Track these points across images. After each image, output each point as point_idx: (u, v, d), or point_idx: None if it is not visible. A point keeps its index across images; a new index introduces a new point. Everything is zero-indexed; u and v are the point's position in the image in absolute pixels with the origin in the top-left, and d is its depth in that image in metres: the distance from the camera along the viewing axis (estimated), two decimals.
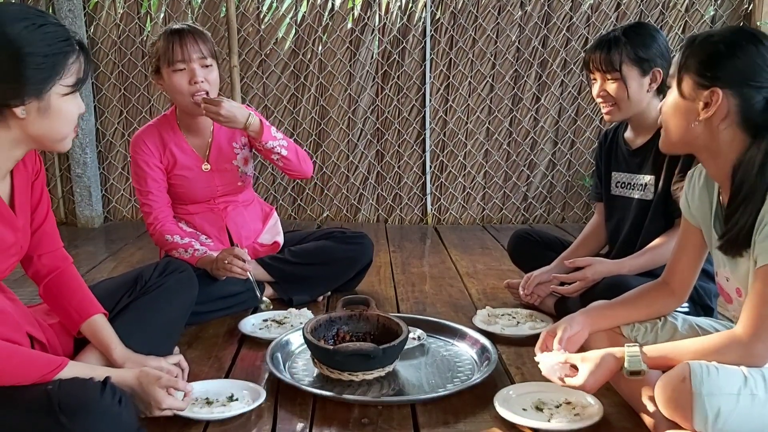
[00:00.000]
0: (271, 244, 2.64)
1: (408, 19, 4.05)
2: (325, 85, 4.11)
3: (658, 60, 2.13)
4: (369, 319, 2.05)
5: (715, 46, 1.44)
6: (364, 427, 1.65)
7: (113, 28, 4.04)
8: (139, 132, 2.48)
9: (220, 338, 2.24)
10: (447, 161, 4.21)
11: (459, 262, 3.28)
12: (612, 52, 2.12)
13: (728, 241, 1.47)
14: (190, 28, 2.36)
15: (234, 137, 2.53)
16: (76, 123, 1.52)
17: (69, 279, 1.74)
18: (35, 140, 1.49)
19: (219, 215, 2.55)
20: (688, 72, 1.46)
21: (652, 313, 1.74)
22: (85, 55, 1.50)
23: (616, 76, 2.13)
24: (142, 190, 2.44)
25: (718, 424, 1.34)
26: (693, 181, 1.65)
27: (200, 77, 2.31)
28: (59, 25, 1.46)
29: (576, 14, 4.04)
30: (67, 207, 4.20)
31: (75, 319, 1.69)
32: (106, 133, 4.16)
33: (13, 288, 1.67)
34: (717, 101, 1.42)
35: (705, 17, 4.03)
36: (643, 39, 2.13)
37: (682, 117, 1.48)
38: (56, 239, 1.74)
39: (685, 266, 1.71)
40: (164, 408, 1.54)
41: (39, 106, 1.43)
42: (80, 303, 1.71)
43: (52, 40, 1.42)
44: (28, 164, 1.61)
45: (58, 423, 1.32)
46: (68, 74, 1.45)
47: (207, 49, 2.33)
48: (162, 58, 2.32)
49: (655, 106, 2.18)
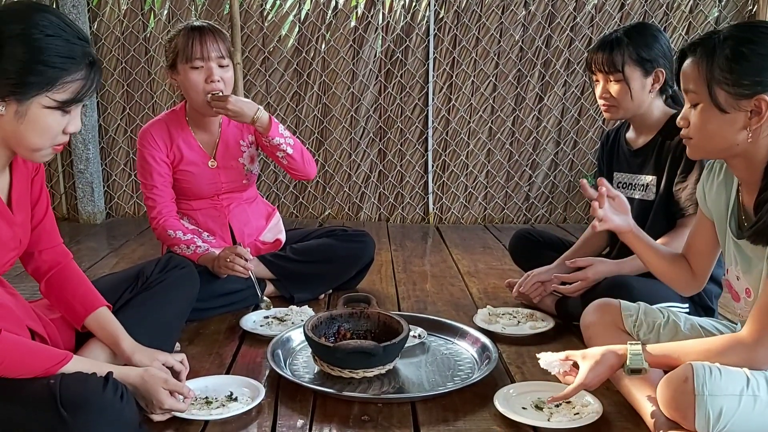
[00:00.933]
0: (273, 241, 2.64)
1: (411, 17, 4.05)
2: (328, 83, 4.12)
3: (660, 60, 2.13)
4: (370, 317, 2.05)
5: (738, 50, 1.38)
6: (364, 425, 1.65)
7: (117, 24, 4.05)
8: (147, 126, 2.48)
9: (221, 335, 2.24)
10: (449, 160, 4.21)
11: (460, 261, 3.28)
12: (614, 52, 2.12)
13: (757, 231, 1.42)
14: (210, 26, 2.37)
15: (242, 135, 2.54)
16: (55, 139, 1.45)
17: (71, 274, 1.73)
18: (9, 141, 1.44)
19: (222, 212, 2.56)
20: (719, 84, 1.39)
21: (674, 279, 1.74)
22: (93, 77, 1.45)
23: (618, 77, 2.13)
24: (147, 184, 2.44)
25: (719, 425, 1.34)
26: (713, 174, 1.62)
27: (217, 76, 2.32)
28: (75, 43, 1.42)
29: (580, 14, 4.04)
30: (69, 203, 4.21)
31: (80, 313, 1.69)
32: (109, 129, 4.16)
33: (14, 283, 1.68)
34: (767, 107, 1.37)
35: (709, 18, 4.02)
36: (646, 39, 2.13)
37: (725, 129, 1.42)
38: (56, 235, 1.74)
39: (700, 249, 1.69)
40: (165, 408, 1.55)
41: (17, 109, 1.39)
42: (84, 297, 1.71)
43: (53, 53, 1.38)
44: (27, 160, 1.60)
45: (60, 417, 1.32)
46: (61, 90, 1.40)
47: (225, 49, 2.35)
48: (180, 54, 2.33)
49: (657, 106, 2.18)
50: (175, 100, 4.09)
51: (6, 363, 1.37)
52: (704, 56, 1.42)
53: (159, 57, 4.06)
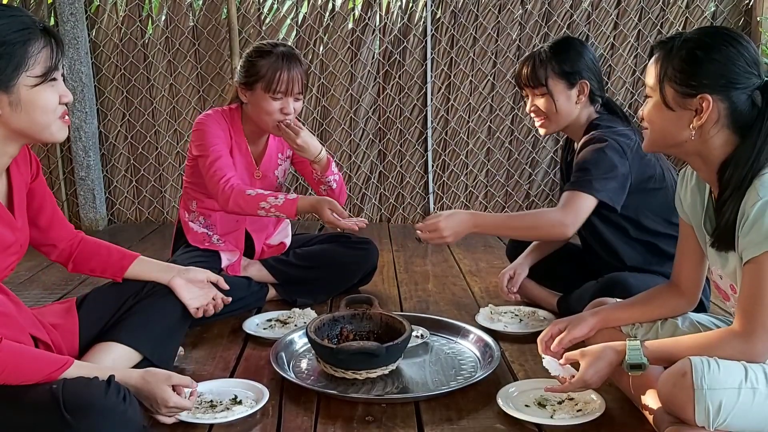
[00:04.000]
0: (278, 244, 2.66)
1: (409, 18, 4.06)
2: (327, 86, 4.12)
3: (584, 72, 2.19)
4: (372, 318, 2.06)
5: (693, 52, 1.44)
6: (368, 425, 1.66)
7: (115, 31, 4.05)
8: (210, 112, 2.44)
9: (224, 338, 2.25)
10: (449, 160, 4.22)
11: (462, 260, 3.29)
12: (537, 68, 2.19)
13: (719, 237, 1.48)
14: (295, 57, 2.36)
15: (281, 148, 2.56)
16: (60, 111, 1.49)
17: (92, 246, 1.86)
18: (20, 134, 1.48)
19: (240, 218, 2.54)
20: (670, 81, 1.47)
21: (664, 314, 1.74)
22: (54, 41, 1.46)
23: (543, 90, 2.20)
24: (213, 156, 2.32)
25: (719, 419, 1.35)
26: (685, 180, 1.66)
27: (292, 110, 2.34)
28: (17, 14, 1.43)
29: (576, 12, 4.04)
30: (71, 210, 4.22)
31: (117, 275, 1.84)
32: (109, 136, 4.17)
33: (17, 291, 1.69)
34: (708, 107, 1.43)
35: (706, 13, 4.02)
36: (568, 53, 2.19)
37: (671, 126, 1.49)
38: (66, 223, 1.83)
39: (689, 267, 1.71)
40: (171, 406, 1.55)
41: (10, 100, 1.41)
42: (116, 258, 1.85)
43: (7, 31, 1.39)
44: (22, 165, 1.62)
45: (64, 421, 1.33)
46: (34, 64, 1.42)
47: (304, 83, 2.36)
48: (263, 80, 2.30)
49: (586, 115, 2.24)
50: (175, 106, 4.11)
51: (7, 371, 1.38)
52: (663, 54, 1.49)
53: (157, 63, 4.07)
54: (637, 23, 4.05)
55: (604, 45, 4.06)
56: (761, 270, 1.38)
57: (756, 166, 1.41)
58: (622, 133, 2.13)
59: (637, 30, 4.06)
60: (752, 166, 1.41)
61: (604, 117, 2.23)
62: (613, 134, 2.12)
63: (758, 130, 1.41)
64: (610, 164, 2.06)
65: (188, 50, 4.06)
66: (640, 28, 4.05)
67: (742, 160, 1.42)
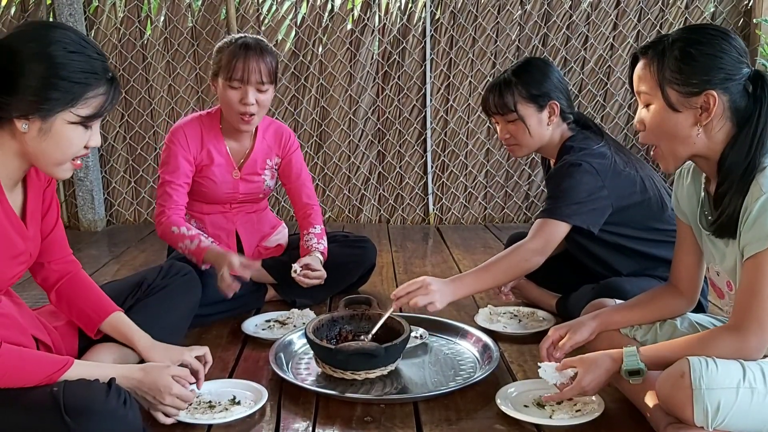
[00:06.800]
0: (275, 246, 2.66)
1: (408, 19, 4.06)
2: (326, 87, 4.12)
3: (552, 92, 2.16)
4: (371, 319, 2.06)
5: (686, 51, 1.45)
6: (367, 425, 1.65)
7: (114, 32, 4.05)
8: (181, 123, 2.46)
9: (223, 339, 2.25)
10: (448, 161, 4.22)
11: (461, 261, 3.29)
12: (504, 94, 2.16)
13: (720, 226, 1.48)
14: (259, 46, 2.33)
15: (270, 155, 2.55)
16: (77, 154, 1.49)
17: (81, 282, 1.77)
18: (31, 157, 1.48)
19: (231, 220, 2.56)
20: (670, 84, 1.46)
21: (664, 315, 1.74)
22: (114, 92, 1.48)
23: (513, 117, 2.16)
24: (166, 179, 2.39)
25: (718, 419, 1.35)
26: (681, 179, 1.67)
27: (251, 100, 2.31)
28: (94, 57, 1.45)
29: (576, 12, 4.04)
30: (70, 211, 4.21)
31: (94, 320, 1.72)
32: (108, 137, 4.17)
33: (18, 291, 1.69)
34: (714, 103, 1.43)
35: (705, 14, 4.03)
36: (534, 76, 2.16)
37: (679, 127, 1.48)
38: (66, 246, 1.77)
39: (687, 267, 1.71)
40: (174, 393, 1.54)
41: (41, 127, 1.42)
42: (96, 304, 1.74)
43: (76, 69, 1.41)
44: (41, 173, 1.61)
45: (64, 424, 1.34)
46: (84, 105, 1.44)
47: (267, 74, 2.32)
48: (222, 69, 2.31)
49: (559, 134, 2.21)
50: (174, 107, 4.11)
51: (8, 374, 1.38)
52: (655, 58, 1.48)
53: (156, 64, 4.07)
54: (637, 24, 4.05)
55: (603, 45, 4.07)
56: (761, 267, 1.38)
57: (756, 152, 1.42)
58: (596, 153, 2.09)
59: (637, 30, 4.06)
60: (753, 153, 1.42)
61: (577, 136, 2.18)
62: (587, 156, 2.07)
63: (756, 117, 1.43)
64: (584, 188, 2.03)
65: (187, 51, 4.06)
66: (640, 29, 4.06)
67: (743, 148, 1.43)
